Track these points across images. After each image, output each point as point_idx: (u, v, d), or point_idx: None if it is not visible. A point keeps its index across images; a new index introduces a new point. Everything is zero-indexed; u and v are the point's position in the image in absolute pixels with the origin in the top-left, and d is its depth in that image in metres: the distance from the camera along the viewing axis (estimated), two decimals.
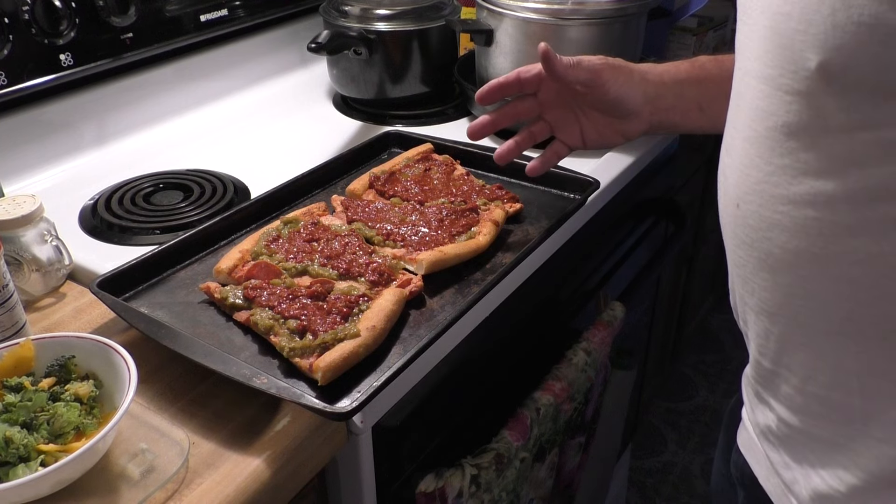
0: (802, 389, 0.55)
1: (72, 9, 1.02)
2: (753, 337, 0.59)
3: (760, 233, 0.52)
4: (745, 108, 0.52)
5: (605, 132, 0.88)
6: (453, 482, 0.79)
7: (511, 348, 0.98)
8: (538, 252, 0.88)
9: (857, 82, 0.43)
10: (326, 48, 1.14)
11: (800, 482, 0.58)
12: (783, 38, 0.46)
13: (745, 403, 0.67)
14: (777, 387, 0.58)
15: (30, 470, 0.56)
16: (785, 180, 0.49)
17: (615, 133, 0.88)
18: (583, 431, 1.08)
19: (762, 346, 0.57)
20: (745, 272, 0.56)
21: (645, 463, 1.95)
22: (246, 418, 0.67)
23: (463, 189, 0.94)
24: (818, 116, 0.46)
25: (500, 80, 0.85)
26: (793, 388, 0.56)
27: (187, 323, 0.75)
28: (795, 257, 0.50)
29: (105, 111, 1.14)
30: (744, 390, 0.67)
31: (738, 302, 0.60)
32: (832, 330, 0.51)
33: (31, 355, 0.65)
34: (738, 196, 0.54)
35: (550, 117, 0.88)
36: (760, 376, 0.60)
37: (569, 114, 0.87)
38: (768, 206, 0.51)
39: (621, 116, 0.86)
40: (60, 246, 0.82)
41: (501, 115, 0.88)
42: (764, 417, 0.61)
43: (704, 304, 2.18)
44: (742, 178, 0.53)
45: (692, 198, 1.70)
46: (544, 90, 0.86)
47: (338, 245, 0.82)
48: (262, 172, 1.04)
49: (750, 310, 0.57)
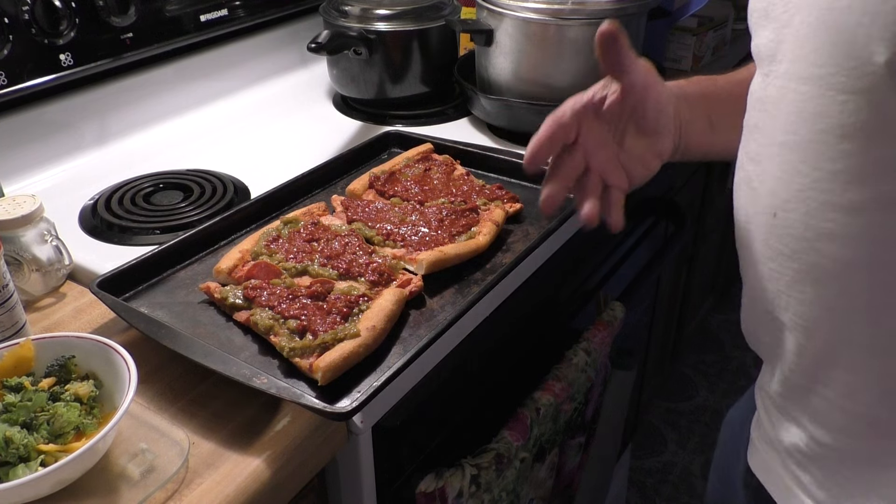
0: (842, 407, 0.52)
1: (72, 9, 1.02)
2: (782, 353, 0.55)
3: (806, 243, 0.49)
4: (783, 113, 0.49)
5: (645, 158, 0.74)
6: (453, 482, 0.79)
7: (511, 348, 0.98)
8: (538, 252, 0.88)
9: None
10: (326, 48, 1.14)
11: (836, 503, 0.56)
12: (840, 33, 0.43)
13: (759, 422, 0.64)
14: (809, 404, 0.55)
15: (30, 470, 0.56)
16: (837, 186, 0.46)
17: (654, 156, 0.74)
18: (583, 431, 1.08)
19: (794, 362, 0.54)
20: (779, 286, 0.53)
21: (645, 463, 1.95)
22: (246, 418, 0.67)
23: (463, 189, 0.94)
24: (879, 116, 0.43)
25: (540, 136, 0.69)
26: (830, 406, 0.53)
27: (187, 323, 0.75)
28: (845, 267, 0.48)
29: (105, 111, 1.14)
30: (761, 409, 0.63)
31: (761, 317, 0.56)
32: (880, 344, 0.48)
33: (31, 355, 0.65)
34: (775, 205, 0.51)
35: (596, 163, 0.72)
36: (789, 393, 0.57)
37: (610, 153, 0.73)
38: (816, 215, 0.48)
39: (659, 131, 0.73)
40: (60, 246, 0.82)
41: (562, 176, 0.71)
42: (789, 436, 0.58)
43: (704, 304, 2.18)
44: (781, 186, 0.50)
45: (692, 198, 1.70)
46: (585, 131, 0.71)
47: (338, 245, 0.82)
48: (262, 172, 1.04)
49: (779, 325, 0.54)
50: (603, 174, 0.72)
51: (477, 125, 1.21)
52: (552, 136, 0.69)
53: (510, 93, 1.11)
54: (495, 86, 1.14)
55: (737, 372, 2.23)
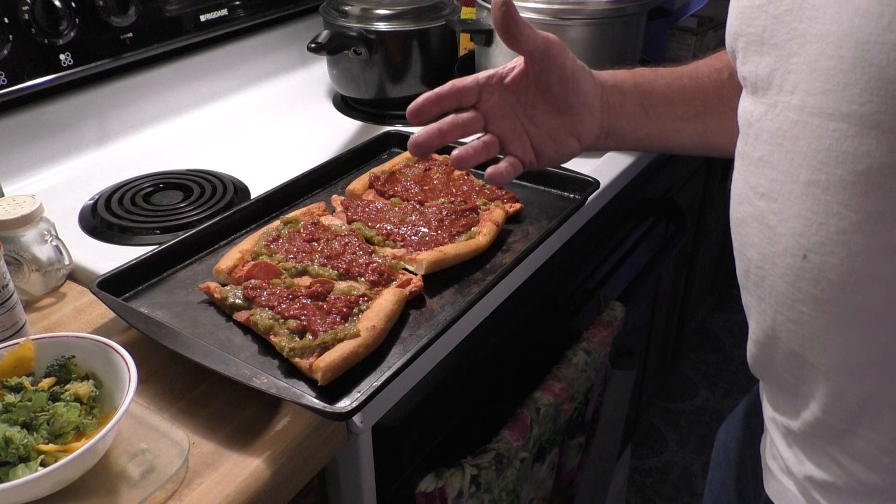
0: (889, 449, 0.51)
1: (72, 9, 1.02)
2: (813, 395, 0.53)
3: (848, 287, 0.47)
4: (806, 150, 0.47)
5: (557, 134, 0.77)
6: (453, 482, 0.79)
7: (511, 348, 0.98)
8: (538, 252, 0.88)
9: None
10: (326, 48, 1.14)
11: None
12: (883, 70, 0.41)
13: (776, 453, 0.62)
14: (850, 445, 0.53)
15: (30, 470, 0.56)
16: (885, 228, 0.44)
17: (568, 135, 0.78)
18: (583, 431, 1.08)
19: (830, 405, 0.52)
20: (813, 330, 0.50)
21: (645, 463, 1.95)
22: (246, 418, 0.67)
23: (463, 189, 0.94)
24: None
25: (435, 91, 0.75)
26: (875, 447, 0.51)
27: (187, 323, 0.75)
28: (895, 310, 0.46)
29: (105, 111, 1.14)
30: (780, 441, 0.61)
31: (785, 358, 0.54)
32: None
33: (31, 355, 0.65)
34: (804, 247, 0.48)
35: (497, 130, 0.77)
36: (822, 433, 0.55)
37: (516, 124, 0.77)
38: (860, 258, 0.46)
39: (575, 110, 0.76)
40: (60, 246, 0.82)
41: (447, 127, 0.76)
42: (821, 473, 0.56)
43: (704, 304, 2.18)
44: (813, 228, 0.47)
45: (692, 198, 1.71)
46: (485, 99, 0.76)
47: (338, 245, 0.82)
48: (262, 172, 1.04)
49: (811, 368, 0.52)
50: (503, 142, 0.77)
51: None
52: (442, 95, 0.75)
53: None
54: None
55: (737, 372, 2.23)
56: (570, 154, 0.80)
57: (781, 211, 0.49)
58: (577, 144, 0.79)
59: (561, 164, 0.82)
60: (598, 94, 0.77)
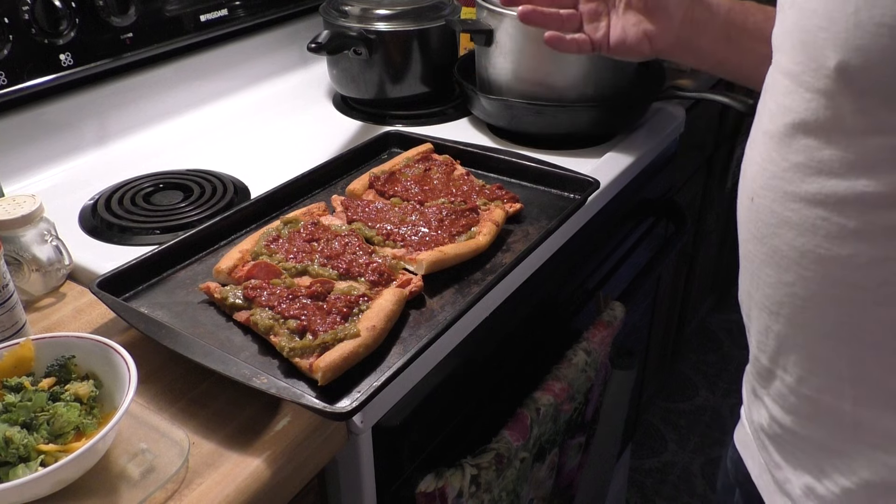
0: (796, 390, 0.55)
1: (72, 9, 1.02)
2: (755, 332, 0.59)
3: (771, 228, 0.52)
4: (769, 102, 0.52)
5: (630, 31, 0.86)
6: (453, 482, 0.79)
7: (511, 348, 0.98)
8: (538, 252, 0.88)
9: (874, 85, 0.43)
10: (326, 48, 1.14)
11: (792, 482, 0.58)
12: (807, 34, 0.46)
13: (743, 400, 0.67)
14: (772, 385, 0.58)
15: (30, 470, 0.56)
16: (798, 177, 0.49)
17: (640, 34, 0.86)
18: (583, 431, 1.08)
19: (762, 342, 0.58)
20: (753, 266, 0.56)
21: (645, 463, 1.95)
22: (246, 418, 0.67)
23: (463, 189, 0.94)
24: (834, 117, 0.45)
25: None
26: (787, 388, 0.56)
27: (187, 323, 0.75)
28: (801, 256, 0.50)
29: (105, 111, 1.14)
30: (744, 386, 0.67)
31: (745, 296, 0.60)
32: (828, 333, 0.51)
33: (31, 355, 0.65)
34: (753, 190, 0.54)
35: (584, 8, 0.88)
36: (758, 373, 0.60)
37: (601, 7, 0.88)
38: (780, 203, 0.50)
39: (651, 11, 0.85)
40: (60, 246, 0.82)
41: None
42: (758, 415, 0.61)
43: (704, 304, 2.18)
44: (759, 173, 0.53)
45: (692, 198, 1.71)
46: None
47: (338, 245, 0.82)
48: (262, 172, 1.04)
49: (754, 305, 0.57)
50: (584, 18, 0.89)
51: (477, 125, 1.21)
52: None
53: (510, 93, 1.11)
54: (495, 86, 1.14)
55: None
56: (640, 53, 0.88)
57: (750, 158, 0.55)
58: (649, 47, 0.87)
59: (631, 60, 0.92)
60: (681, 4, 0.84)
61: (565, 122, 1.10)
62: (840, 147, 0.46)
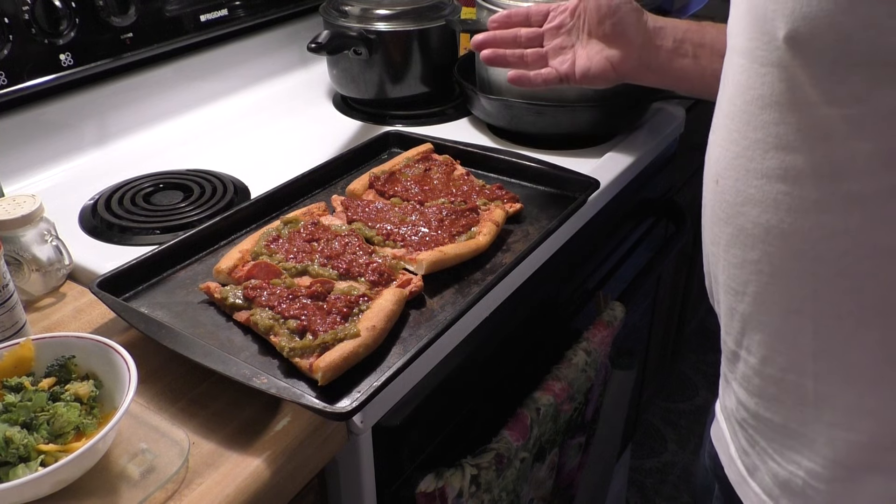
0: (760, 371, 0.55)
1: (72, 9, 1.02)
2: (722, 316, 0.59)
3: (735, 208, 0.52)
4: (728, 85, 0.53)
5: (594, 59, 0.90)
6: (453, 482, 0.79)
7: (511, 348, 0.98)
8: (538, 252, 0.88)
9: (821, 53, 0.43)
10: (326, 48, 1.14)
11: (760, 469, 0.58)
12: (758, 8, 0.46)
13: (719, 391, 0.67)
14: (737, 367, 0.58)
15: (30, 470, 0.56)
16: (759, 154, 0.49)
17: (603, 61, 0.89)
18: (583, 431, 1.08)
19: (727, 325, 0.58)
20: (718, 249, 0.56)
21: (645, 463, 1.95)
22: (246, 418, 0.67)
23: (463, 189, 0.94)
24: (788, 89, 0.46)
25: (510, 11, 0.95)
26: (751, 370, 0.56)
27: (187, 323, 0.75)
28: (765, 232, 0.50)
29: (105, 111, 1.14)
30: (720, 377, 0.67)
31: (712, 281, 0.60)
32: (792, 308, 0.51)
33: (31, 355, 0.65)
34: (717, 172, 0.54)
35: (549, 45, 0.93)
36: (726, 357, 0.60)
37: (566, 41, 0.92)
38: (743, 181, 0.51)
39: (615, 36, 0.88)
40: (60, 246, 0.82)
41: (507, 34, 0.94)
42: (729, 401, 0.61)
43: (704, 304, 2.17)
44: (722, 154, 0.53)
45: (692, 198, 1.70)
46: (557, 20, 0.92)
47: (338, 245, 0.82)
48: (262, 172, 1.04)
49: (720, 288, 0.58)
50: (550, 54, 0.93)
51: (477, 125, 1.21)
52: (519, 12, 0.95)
53: (510, 93, 1.11)
54: (495, 86, 1.14)
55: None
56: (605, 79, 0.91)
57: (713, 142, 0.55)
58: (613, 73, 0.90)
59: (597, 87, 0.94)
60: (640, 30, 0.88)
61: (565, 122, 1.10)
62: (795, 119, 0.46)
